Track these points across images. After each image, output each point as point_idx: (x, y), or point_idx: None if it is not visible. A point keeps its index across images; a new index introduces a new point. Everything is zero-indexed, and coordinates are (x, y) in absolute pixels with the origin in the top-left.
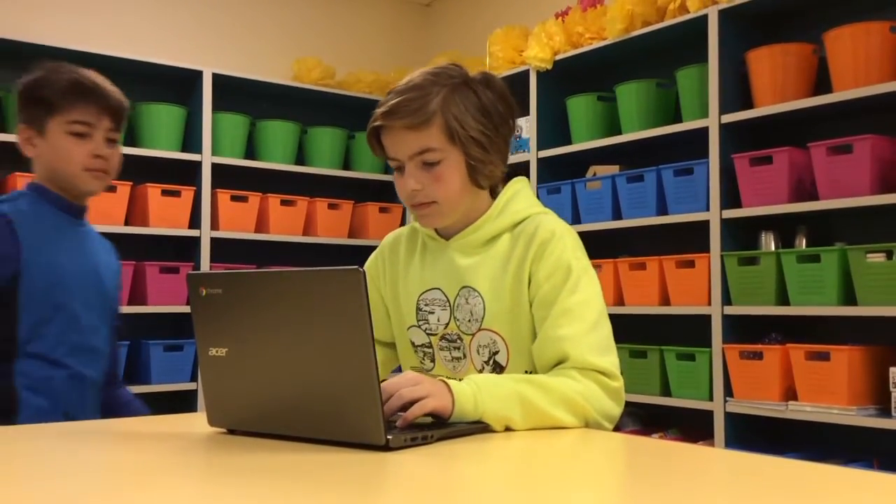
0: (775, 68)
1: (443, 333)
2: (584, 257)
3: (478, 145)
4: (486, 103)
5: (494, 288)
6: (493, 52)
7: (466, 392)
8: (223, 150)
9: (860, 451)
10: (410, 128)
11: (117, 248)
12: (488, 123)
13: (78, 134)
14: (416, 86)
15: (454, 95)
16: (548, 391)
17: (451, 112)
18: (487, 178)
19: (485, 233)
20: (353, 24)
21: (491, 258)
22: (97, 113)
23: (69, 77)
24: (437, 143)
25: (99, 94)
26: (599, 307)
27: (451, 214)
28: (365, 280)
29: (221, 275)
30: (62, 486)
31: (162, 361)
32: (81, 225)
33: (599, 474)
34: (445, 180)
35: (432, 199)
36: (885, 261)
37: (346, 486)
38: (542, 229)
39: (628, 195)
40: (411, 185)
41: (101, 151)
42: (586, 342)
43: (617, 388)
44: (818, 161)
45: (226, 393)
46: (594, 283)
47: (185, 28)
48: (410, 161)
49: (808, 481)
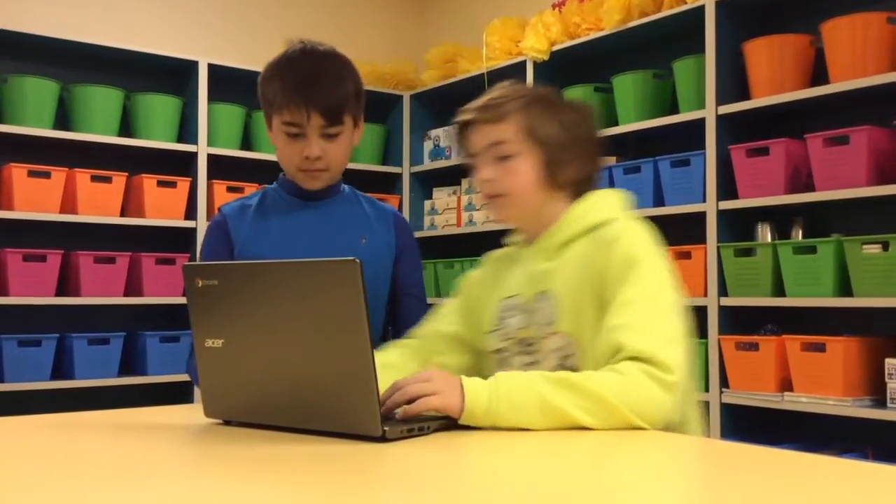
0: (772, 59)
1: (519, 338)
2: (655, 252)
3: (553, 145)
4: (566, 118)
5: (569, 291)
6: (490, 42)
7: (481, 398)
8: (219, 140)
9: (855, 442)
10: (488, 121)
11: (112, 239)
12: (565, 134)
13: (291, 135)
14: (503, 89)
15: (537, 102)
16: (577, 391)
17: (531, 112)
18: (563, 179)
19: (561, 236)
20: (350, 14)
21: (568, 262)
22: (307, 113)
23: (285, 75)
24: (513, 136)
25: (309, 94)
26: (666, 300)
27: (522, 208)
28: (361, 271)
29: (217, 266)
30: (59, 477)
31: (158, 352)
32: (313, 207)
33: (590, 471)
34: (518, 172)
35: (505, 191)
36: (880, 252)
37: (343, 476)
38: (616, 230)
39: (625, 186)
40: (484, 175)
41: (313, 152)
42: (643, 331)
43: (671, 383)
44: (815, 152)
45: (222, 384)
46: (662, 277)
47: (181, 18)
48: (486, 153)
49: (803, 472)
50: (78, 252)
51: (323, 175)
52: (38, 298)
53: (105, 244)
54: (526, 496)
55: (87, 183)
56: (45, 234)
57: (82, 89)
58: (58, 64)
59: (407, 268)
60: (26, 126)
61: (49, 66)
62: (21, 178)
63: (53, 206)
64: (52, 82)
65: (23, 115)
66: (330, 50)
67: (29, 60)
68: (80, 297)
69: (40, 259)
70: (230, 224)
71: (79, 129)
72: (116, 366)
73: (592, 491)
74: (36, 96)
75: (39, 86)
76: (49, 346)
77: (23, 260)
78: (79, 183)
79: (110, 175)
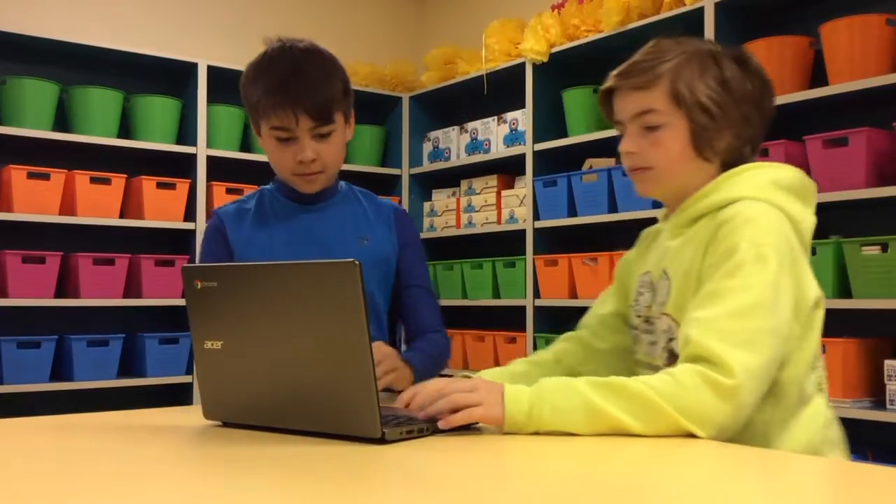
0: (771, 61)
1: (645, 315)
2: (766, 244)
3: (705, 112)
4: (729, 76)
5: (685, 272)
6: (489, 44)
7: (522, 404)
8: (218, 142)
9: (854, 444)
10: (637, 88)
11: (111, 240)
12: (724, 94)
13: (282, 139)
14: (654, 48)
15: (691, 62)
16: (622, 394)
17: (682, 75)
18: (713, 150)
19: (691, 212)
20: (349, 16)
21: (691, 240)
22: (294, 115)
23: (267, 78)
24: (661, 105)
25: (295, 95)
26: (760, 297)
27: (667, 182)
28: (361, 272)
29: (217, 268)
30: (58, 479)
31: (157, 354)
32: (312, 210)
33: (592, 472)
34: (664, 145)
35: (649, 164)
36: (880, 253)
37: (342, 478)
38: (733, 211)
39: (624, 188)
40: (627, 147)
41: (306, 156)
42: (718, 327)
43: (729, 387)
44: (814, 154)
45: (221, 386)
46: (765, 272)
47: (180, 20)
48: (632, 123)
49: (802, 473)
50: (77, 254)
51: (319, 177)
52: (38, 300)
53: (104, 246)
54: (526, 496)
55: (86, 184)
56: (45, 235)
57: (82, 91)
58: (57, 65)
59: (410, 260)
60: (25, 128)
61: (48, 68)
62: (20, 180)
63: (53, 207)
64: (52, 84)
65: (22, 117)
66: (311, 46)
67: (28, 62)
68: (80, 298)
69: (39, 261)
70: (228, 227)
71: (78, 130)
72: (115, 367)
73: (592, 491)
74: (35, 98)
75: (39, 87)
76: (48, 348)
77: (22, 261)
78: (78, 184)
79: (109, 177)
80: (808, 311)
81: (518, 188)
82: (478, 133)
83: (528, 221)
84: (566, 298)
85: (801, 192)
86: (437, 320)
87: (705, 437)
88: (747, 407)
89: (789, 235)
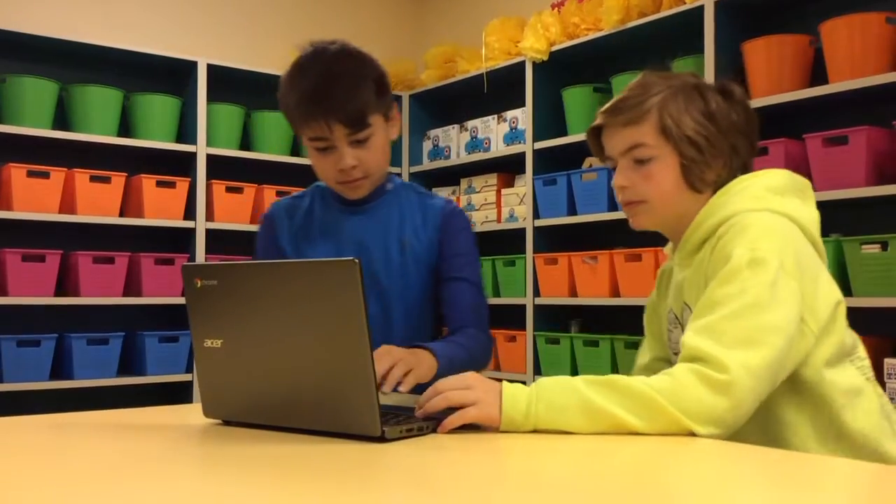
0: (771, 59)
1: (677, 350)
2: (761, 248)
3: (693, 146)
4: (714, 109)
5: (700, 298)
6: (489, 42)
7: (519, 403)
8: (218, 141)
9: None
10: (625, 124)
11: (111, 239)
12: (710, 126)
13: (320, 149)
14: (640, 84)
15: (677, 95)
16: (619, 391)
17: (668, 110)
18: (704, 181)
19: (694, 240)
20: (349, 15)
21: (699, 267)
22: (327, 125)
23: (299, 88)
24: (650, 139)
25: (326, 105)
26: (756, 297)
27: (660, 214)
28: (360, 270)
29: (216, 266)
30: (57, 478)
31: (157, 353)
32: (357, 212)
33: (593, 472)
34: (655, 178)
35: (641, 198)
36: (880, 252)
37: (342, 476)
38: (729, 226)
39: None
40: (619, 182)
41: (346, 163)
42: (712, 330)
43: (723, 382)
44: (814, 152)
45: (221, 384)
46: (762, 274)
47: (180, 18)
48: (622, 157)
49: (804, 471)
50: (77, 252)
51: (364, 183)
52: (37, 298)
53: (104, 244)
54: (526, 494)
55: (86, 183)
56: (44, 234)
57: (81, 89)
58: (57, 64)
59: (450, 253)
60: (25, 126)
61: (48, 66)
62: (20, 179)
63: (52, 206)
64: (51, 82)
65: (22, 116)
66: (342, 48)
67: (28, 60)
68: (79, 297)
69: (39, 259)
70: (276, 225)
71: (78, 129)
72: (115, 366)
73: (592, 491)
74: (35, 96)
75: (38, 86)
76: (48, 347)
77: (22, 260)
78: (78, 183)
79: (109, 175)
80: (828, 314)
81: (518, 187)
82: (478, 131)
83: (528, 220)
84: (566, 297)
85: (797, 191)
86: (477, 316)
87: (704, 435)
88: (747, 402)
89: (796, 240)
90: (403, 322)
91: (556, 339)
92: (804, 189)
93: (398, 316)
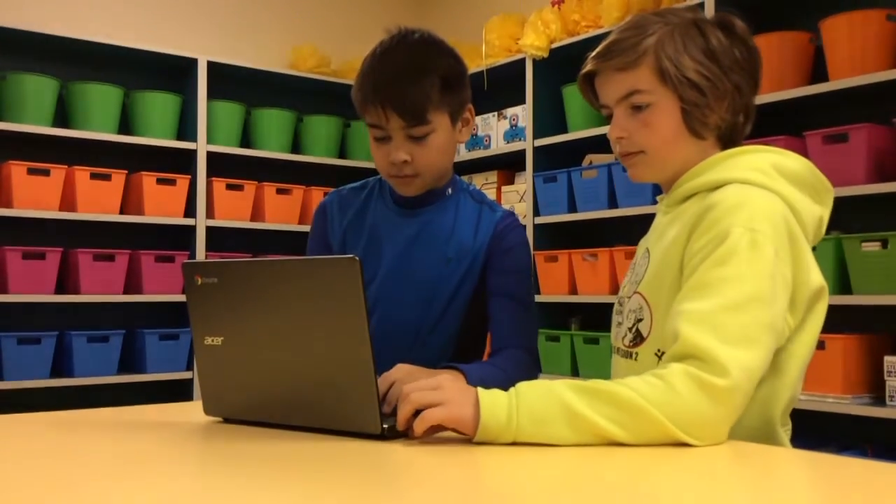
0: (771, 57)
1: (620, 296)
2: (760, 230)
3: (694, 88)
4: (715, 46)
5: (664, 251)
6: (489, 40)
7: (498, 412)
8: (218, 138)
9: (854, 440)
10: (620, 69)
11: (111, 236)
12: (712, 66)
13: (378, 138)
14: (634, 24)
15: (674, 34)
16: (606, 399)
17: (665, 51)
18: (707, 126)
19: (683, 189)
20: (349, 11)
21: (678, 219)
22: (384, 114)
23: (367, 72)
24: (647, 84)
25: (385, 93)
26: (756, 289)
27: (660, 165)
28: (361, 269)
29: (217, 263)
30: (58, 475)
31: (157, 350)
32: (407, 216)
33: (593, 472)
34: (654, 126)
35: (640, 148)
36: (880, 249)
37: (342, 474)
38: (724, 194)
39: (624, 184)
40: (616, 132)
41: (398, 156)
42: (710, 322)
43: (725, 389)
44: (814, 150)
45: (222, 382)
46: (761, 261)
47: (180, 15)
48: (618, 106)
49: (801, 469)
50: (77, 250)
51: (414, 181)
52: (38, 296)
53: (104, 242)
54: (526, 491)
55: (86, 180)
56: (45, 231)
57: (82, 87)
58: (57, 61)
59: (499, 268)
60: (25, 123)
61: (48, 64)
62: (20, 176)
63: (53, 203)
64: (52, 80)
65: (22, 113)
66: (420, 38)
67: (28, 58)
68: (80, 294)
69: (39, 257)
70: (328, 219)
71: (78, 126)
72: (116, 363)
73: (592, 490)
74: (35, 94)
75: (39, 83)
76: (48, 344)
77: (22, 258)
78: (78, 180)
79: (109, 172)
80: (809, 298)
81: (518, 184)
82: (478, 129)
83: (529, 217)
84: (566, 294)
85: (808, 186)
86: (521, 336)
87: (700, 446)
88: (741, 408)
89: (788, 219)
90: (444, 336)
91: (556, 337)
92: (819, 189)
93: (441, 329)
